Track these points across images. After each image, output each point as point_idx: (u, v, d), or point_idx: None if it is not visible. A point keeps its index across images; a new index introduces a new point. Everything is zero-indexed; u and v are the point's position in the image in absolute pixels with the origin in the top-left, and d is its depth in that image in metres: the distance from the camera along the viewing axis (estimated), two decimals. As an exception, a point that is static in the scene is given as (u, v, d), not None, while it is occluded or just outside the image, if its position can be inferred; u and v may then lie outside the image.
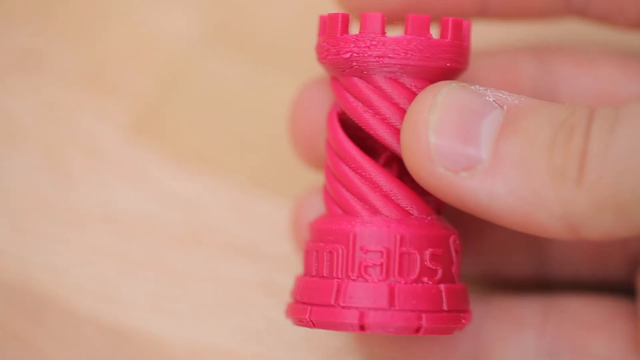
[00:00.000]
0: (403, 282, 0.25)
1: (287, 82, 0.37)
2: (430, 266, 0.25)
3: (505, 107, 0.24)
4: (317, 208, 0.29)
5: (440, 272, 0.26)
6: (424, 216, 0.26)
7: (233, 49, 0.39)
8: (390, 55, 0.25)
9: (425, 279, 0.25)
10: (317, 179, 0.32)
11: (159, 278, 0.34)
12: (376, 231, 0.25)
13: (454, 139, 0.23)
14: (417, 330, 0.25)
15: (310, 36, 0.37)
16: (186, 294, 0.34)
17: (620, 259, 0.31)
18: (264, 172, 0.36)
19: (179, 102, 0.38)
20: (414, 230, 0.25)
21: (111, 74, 0.38)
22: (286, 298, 0.28)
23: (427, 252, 0.25)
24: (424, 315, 0.25)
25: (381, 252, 0.25)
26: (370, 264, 0.25)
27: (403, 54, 0.25)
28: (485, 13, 0.30)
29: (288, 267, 0.33)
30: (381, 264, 0.25)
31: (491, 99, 0.24)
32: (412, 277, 0.25)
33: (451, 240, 0.26)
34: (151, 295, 0.34)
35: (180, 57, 0.39)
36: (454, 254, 0.26)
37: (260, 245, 0.34)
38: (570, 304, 0.30)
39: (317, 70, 0.37)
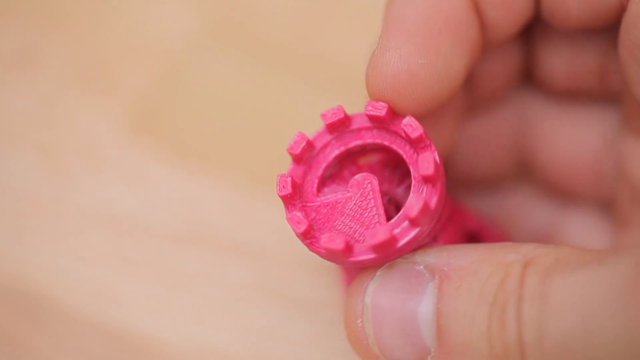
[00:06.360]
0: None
1: (287, 81, 0.37)
2: None
3: (437, 278, 0.23)
4: None
5: None
6: None
7: (232, 47, 0.39)
8: None
9: None
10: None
11: (157, 278, 0.34)
12: None
13: (396, 342, 0.23)
14: None
15: (310, 35, 0.37)
16: (185, 294, 0.33)
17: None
18: (264, 172, 0.36)
19: (178, 101, 0.38)
20: None
21: (110, 71, 0.38)
22: (286, 298, 0.28)
23: None
24: None
25: None
26: None
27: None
28: None
29: (288, 267, 0.33)
30: None
31: (421, 267, 0.24)
32: None
33: None
34: (150, 296, 0.33)
35: (180, 55, 0.39)
36: None
37: (260, 245, 0.34)
38: None
39: (316, 69, 0.37)
